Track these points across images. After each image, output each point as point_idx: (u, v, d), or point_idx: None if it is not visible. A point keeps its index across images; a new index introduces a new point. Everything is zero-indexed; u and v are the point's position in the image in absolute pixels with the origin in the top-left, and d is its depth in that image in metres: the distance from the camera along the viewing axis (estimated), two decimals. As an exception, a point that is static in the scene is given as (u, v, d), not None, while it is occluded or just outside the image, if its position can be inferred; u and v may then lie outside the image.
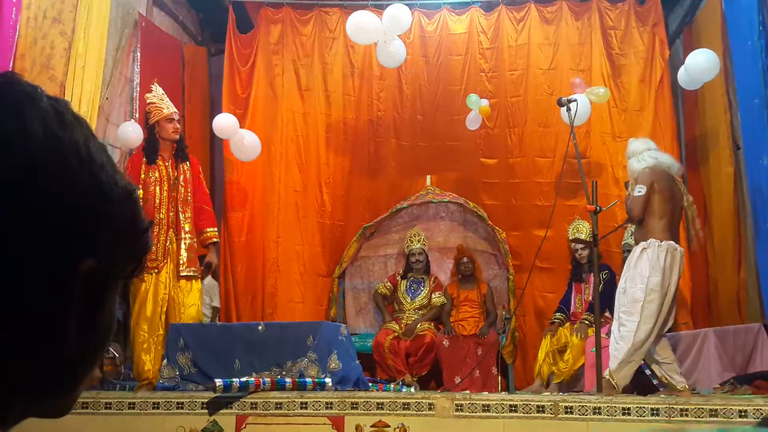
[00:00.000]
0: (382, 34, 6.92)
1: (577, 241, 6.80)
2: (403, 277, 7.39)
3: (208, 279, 7.20)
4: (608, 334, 5.74)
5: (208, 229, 6.09)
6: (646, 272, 5.09)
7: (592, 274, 6.23)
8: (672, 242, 5.22)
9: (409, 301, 7.25)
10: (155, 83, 6.19)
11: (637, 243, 5.33)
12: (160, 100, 6.01)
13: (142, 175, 5.80)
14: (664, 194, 5.28)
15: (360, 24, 6.87)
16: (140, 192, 5.66)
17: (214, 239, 6.16)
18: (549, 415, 4.60)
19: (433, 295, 7.23)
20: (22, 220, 0.64)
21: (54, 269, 0.67)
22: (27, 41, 5.36)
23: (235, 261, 7.58)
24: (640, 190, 5.26)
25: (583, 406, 4.57)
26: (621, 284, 5.31)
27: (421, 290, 7.29)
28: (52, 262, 0.66)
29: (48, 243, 0.66)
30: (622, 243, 6.83)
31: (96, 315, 0.72)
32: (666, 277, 5.10)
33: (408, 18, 7.03)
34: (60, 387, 0.72)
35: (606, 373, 5.12)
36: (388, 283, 7.43)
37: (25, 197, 0.64)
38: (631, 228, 6.17)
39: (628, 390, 5.19)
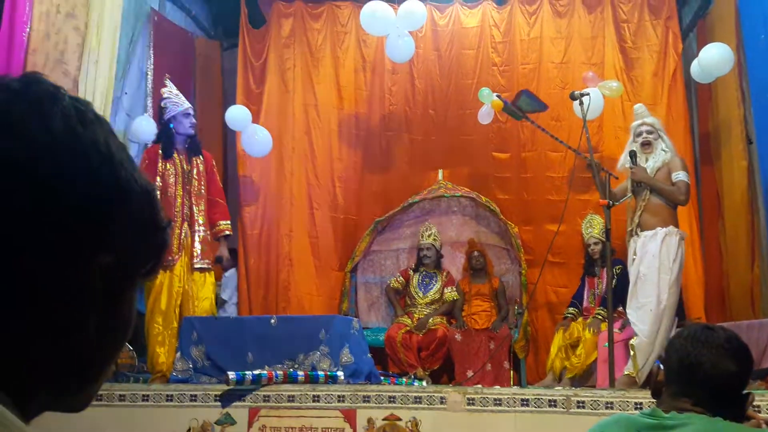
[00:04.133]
0: (395, 27, 6.93)
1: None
2: (416, 272, 7.38)
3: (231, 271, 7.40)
4: (621, 328, 5.72)
5: (221, 222, 6.15)
6: (670, 263, 5.04)
7: (605, 268, 6.22)
8: (682, 231, 5.22)
9: (421, 295, 7.26)
10: (167, 78, 6.23)
11: (649, 228, 5.26)
12: (177, 95, 6.08)
13: (160, 168, 5.86)
14: None
15: (374, 13, 6.88)
16: (159, 184, 5.73)
17: (227, 232, 6.21)
18: (561, 409, 4.60)
19: (445, 290, 7.23)
20: (43, 215, 0.66)
21: (73, 263, 0.68)
22: (39, 36, 5.39)
23: (248, 254, 7.61)
24: (688, 176, 5.30)
25: (595, 400, 4.57)
26: (640, 269, 5.21)
27: (434, 285, 7.29)
28: (71, 256, 0.67)
29: (68, 237, 0.67)
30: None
31: (115, 311, 0.73)
32: (682, 268, 5.10)
33: (422, 15, 7.04)
34: (79, 382, 0.73)
35: (629, 369, 5.09)
36: (401, 277, 7.43)
37: (46, 191, 0.66)
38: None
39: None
